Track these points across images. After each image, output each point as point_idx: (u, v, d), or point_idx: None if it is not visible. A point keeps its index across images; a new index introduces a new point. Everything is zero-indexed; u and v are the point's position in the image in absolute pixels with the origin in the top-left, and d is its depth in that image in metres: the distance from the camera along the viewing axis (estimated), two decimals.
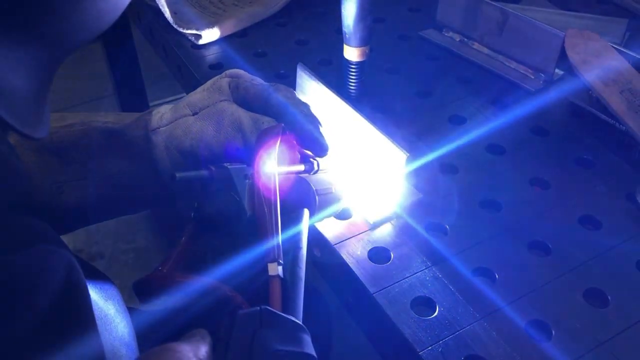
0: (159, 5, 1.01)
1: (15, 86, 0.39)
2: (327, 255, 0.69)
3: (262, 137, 0.57)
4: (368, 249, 0.67)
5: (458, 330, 0.59)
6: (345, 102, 0.73)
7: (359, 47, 0.78)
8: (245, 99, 0.65)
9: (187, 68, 0.97)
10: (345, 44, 0.80)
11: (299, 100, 0.65)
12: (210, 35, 1.00)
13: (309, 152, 0.64)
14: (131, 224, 2.00)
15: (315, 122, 0.64)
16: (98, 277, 0.60)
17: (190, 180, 0.54)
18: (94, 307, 0.44)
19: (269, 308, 0.41)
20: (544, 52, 0.90)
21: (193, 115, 0.64)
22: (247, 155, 0.60)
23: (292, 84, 0.80)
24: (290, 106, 0.63)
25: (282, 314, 0.42)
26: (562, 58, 0.87)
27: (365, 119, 0.70)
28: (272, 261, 0.47)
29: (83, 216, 0.66)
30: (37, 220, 0.41)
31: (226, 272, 0.50)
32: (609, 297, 0.62)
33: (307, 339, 0.42)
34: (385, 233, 0.69)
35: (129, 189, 0.65)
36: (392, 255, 0.66)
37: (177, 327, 0.50)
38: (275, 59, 0.98)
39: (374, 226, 0.70)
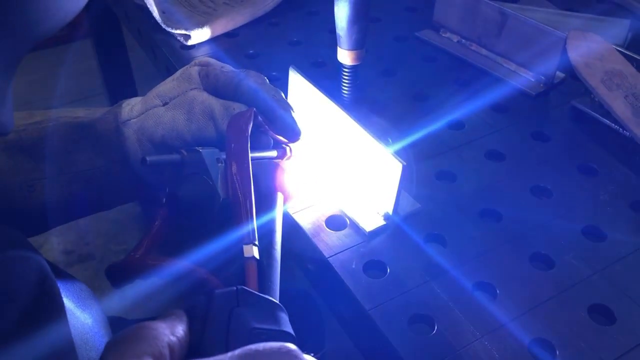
0: (147, 4, 0.98)
1: None
2: (320, 269, 0.66)
3: (234, 122, 0.56)
4: (363, 262, 0.64)
5: (458, 350, 0.56)
6: (340, 107, 0.70)
7: (353, 50, 0.75)
8: (215, 87, 0.64)
9: (176, 69, 0.94)
10: (339, 47, 0.77)
11: (270, 86, 0.64)
12: (199, 35, 0.97)
13: (281, 138, 0.63)
14: (122, 225, 1.98)
15: (287, 107, 0.63)
16: (66, 277, 0.60)
17: (161, 164, 0.54)
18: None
19: (246, 288, 0.41)
20: (545, 54, 0.87)
21: (163, 105, 0.64)
22: (220, 143, 0.59)
23: (284, 86, 0.77)
24: (262, 92, 0.62)
25: (259, 294, 0.42)
26: (564, 60, 0.85)
27: (361, 125, 0.67)
28: (248, 243, 0.48)
29: (57, 214, 0.65)
30: (6, 226, 0.41)
31: (201, 256, 0.50)
32: (615, 314, 0.59)
33: (285, 317, 0.42)
34: (381, 245, 0.66)
35: (102, 184, 0.64)
36: (388, 268, 0.64)
37: (153, 310, 0.48)
38: (267, 60, 0.95)
39: (370, 236, 0.67)
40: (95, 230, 1.97)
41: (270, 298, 0.43)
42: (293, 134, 0.63)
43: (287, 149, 0.64)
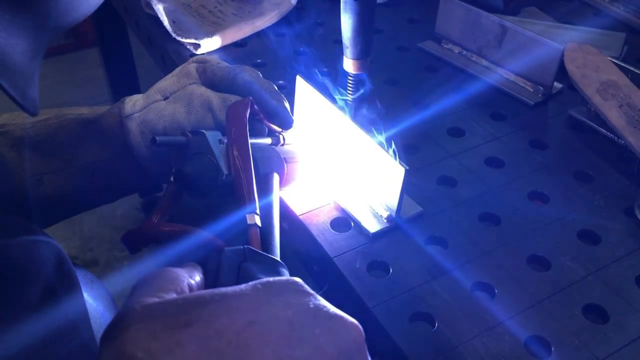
0: (158, 14, 1.01)
1: (15, 60, 0.42)
2: (325, 268, 0.68)
3: (233, 108, 0.61)
4: (367, 262, 0.67)
5: (457, 346, 0.58)
6: (345, 113, 0.73)
7: (358, 59, 0.78)
8: (213, 81, 0.68)
9: None
10: (345, 56, 0.79)
11: (264, 79, 0.69)
12: (209, 44, 0.99)
13: (275, 127, 0.68)
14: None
15: (280, 98, 0.68)
16: (76, 267, 0.62)
17: (169, 144, 0.59)
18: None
19: (251, 247, 0.45)
20: (543, 65, 0.90)
21: (164, 99, 0.68)
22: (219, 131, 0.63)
23: (291, 94, 0.80)
24: (256, 84, 0.67)
25: (263, 252, 0.46)
26: (561, 71, 0.87)
27: (365, 131, 0.70)
28: (250, 213, 0.52)
29: (64, 206, 0.68)
30: (21, 218, 0.44)
31: (212, 228, 0.53)
32: (609, 313, 0.62)
33: (286, 272, 0.46)
34: (384, 246, 0.69)
35: (107, 176, 0.67)
36: (391, 269, 0.66)
37: None
38: (274, 69, 0.98)
39: (374, 238, 0.69)
40: (99, 236, 1.98)
41: (272, 256, 0.47)
42: (285, 122, 0.68)
43: (280, 137, 0.69)
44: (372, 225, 0.70)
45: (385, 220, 0.70)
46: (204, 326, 0.32)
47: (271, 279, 0.37)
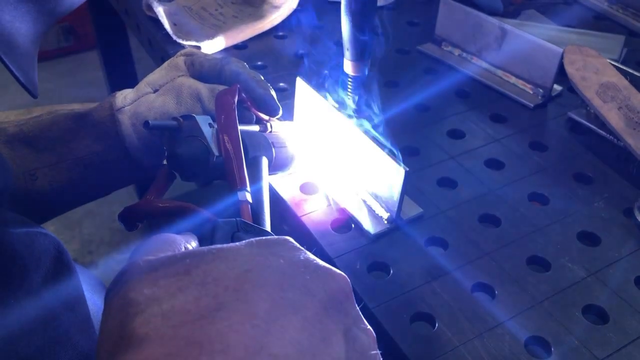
0: (159, 16, 1.01)
1: (19, 42, 0.43)
2: None
3: (222, 96, 0.62)
4: (367, 263, 0.67)
5: (457, 346, 0.59)
6: (345, 115, 0.73)
7: (357, 61, 0.78)
8: (201, 73, 0.70)
9: None
10: (345, 58, 0.80)
11: (251, 70, 0.70)
12: (209, 47, 1.00)
13: (263, 115, 0.69)
14: (125, 234, 1.99)
15: (266, 86, 0.69)
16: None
17: (161, 128, 0.60)
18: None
19: (243, 220, 0.46)
20: (543, 67, 0.90)
21: (154, 92, 0.69)
22: None
23: (291, 96, 0.80)
24: (243, 74, 0.68)
25: (254, 224, 0.47)
26: (561, 74, 0.88)
27: (365, 133, 0.70)
28: (241, 190, 0.54)
29: (59, 201, 0.69)
30: (17, 214, 0.46)
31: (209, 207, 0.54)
32: (608, 314, 0.62)
33: None
34: (384, 247, 0.69)
35: (101, 169, 0.68)
36: (391, 269, 0.66)
37: None
38: (275, 72, 0.98)
39: (374, 238, 0.69)
40: (98, 239, 1.99)
41: (263, 228, 0.48)
42: (273, 109, 0.69)
43: (268, 124, 0.70)
44: (373, 226, 0.70)
45: (385, 222, 0.70)
46: (203, 274, 0.34)
47: (264, 238, 0.39)
